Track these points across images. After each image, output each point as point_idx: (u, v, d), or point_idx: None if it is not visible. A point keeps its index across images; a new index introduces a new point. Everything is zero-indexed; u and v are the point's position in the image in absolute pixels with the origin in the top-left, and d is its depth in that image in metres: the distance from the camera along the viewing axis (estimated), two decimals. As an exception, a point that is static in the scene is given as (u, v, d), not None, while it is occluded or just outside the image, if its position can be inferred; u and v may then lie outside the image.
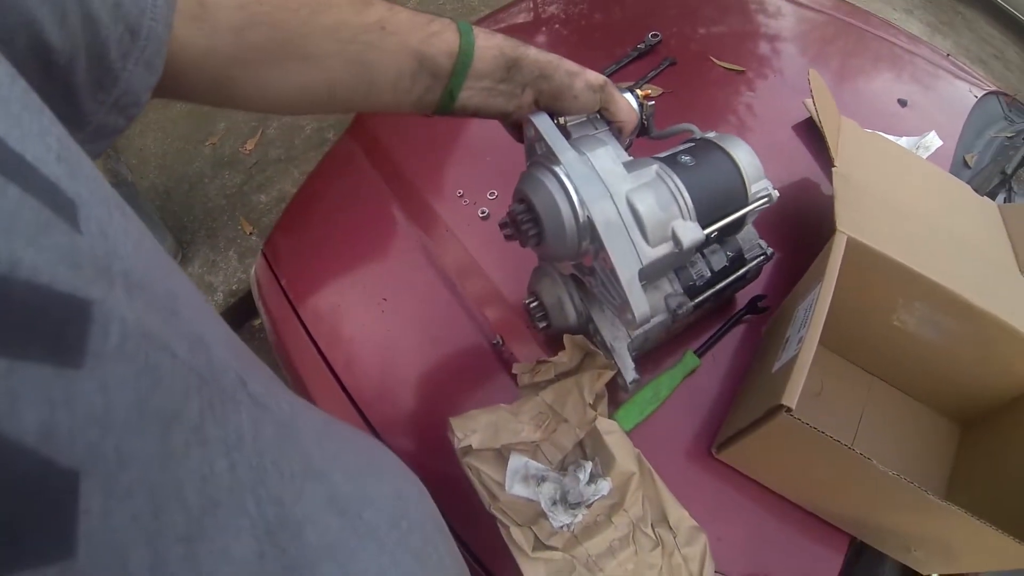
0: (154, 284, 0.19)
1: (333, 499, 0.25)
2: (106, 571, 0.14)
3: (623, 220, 0.53)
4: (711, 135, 0.66)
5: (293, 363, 0.89)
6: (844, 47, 1.39)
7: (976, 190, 1.04)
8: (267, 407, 0.24)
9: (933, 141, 1.17)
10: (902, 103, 1.25)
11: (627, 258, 0.53)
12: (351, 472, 0.29)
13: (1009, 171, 1.19)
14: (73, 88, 0.29)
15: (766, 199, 0.64)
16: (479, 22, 1.31)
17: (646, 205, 0.54)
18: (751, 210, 0.63)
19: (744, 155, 0.63)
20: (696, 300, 0.66)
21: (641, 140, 0.68)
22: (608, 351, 0.65)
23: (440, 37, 0.49)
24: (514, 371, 0.69)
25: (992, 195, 1.11)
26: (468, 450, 0.61)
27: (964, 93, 1.37)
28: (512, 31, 1.30)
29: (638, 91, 0.64)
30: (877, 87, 1.30)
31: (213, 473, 0.19)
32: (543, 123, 0.55)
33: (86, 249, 0.16)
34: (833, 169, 0.82)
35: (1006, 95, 1.47)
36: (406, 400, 0.79)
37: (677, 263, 0.62)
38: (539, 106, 0.56)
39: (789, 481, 0.67)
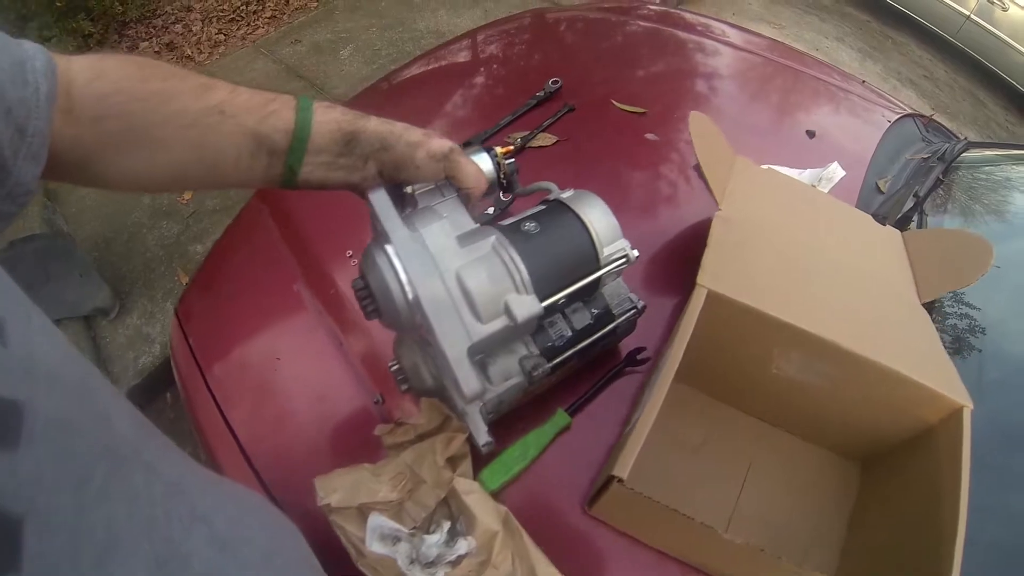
0: (68, 375, 0.26)
1: (215, 538, 0.32)
2: None
3: (451, 297, 0.54)
4: (567, 195, 0.65)
5: (200, 424, 0.88)
6: (749, 81, 1.39)
7: (887, 216, 1.03)
8: (156, 470, 0.30)
9: (836, 172, 1.16)
10: (810, 134, 1.24)
11: (454, 336, 0.53)
12: (232, 518, 0.36)
13: (922, 194, 1.18)
14: None
15: (623, 260, 0.63)
16: (392, 74, 1.32)
17: (477, 281, 0.54)
18: (605, 273, 0.63)
19: (597, 216, 0.62)
20: (555, 361, 0.65)
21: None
22: (460, 415, 0.65)
23: (277, 115, 0.51)
24: (376, 432, 0.69)
25: (905, 219, 1.10)
26: (330, 508, 0.62)
27: (877, 118, 1.37)
28: (415, 83, 1.32)
29: (497, 149, 0.64)
30: (784, 120, 1.31)
31: (115, 520, 0.25)
32: (378, 201, 0.56)
33: (16, 358, 0.23)
34: (716, 214, 0.82)
35: (923, 117, 1.48)
36: (296, 459, 0.80)
37: (519, 334, 0.62)
38: (384, 176, 0.57)
39: (658, 534, 0.67)
